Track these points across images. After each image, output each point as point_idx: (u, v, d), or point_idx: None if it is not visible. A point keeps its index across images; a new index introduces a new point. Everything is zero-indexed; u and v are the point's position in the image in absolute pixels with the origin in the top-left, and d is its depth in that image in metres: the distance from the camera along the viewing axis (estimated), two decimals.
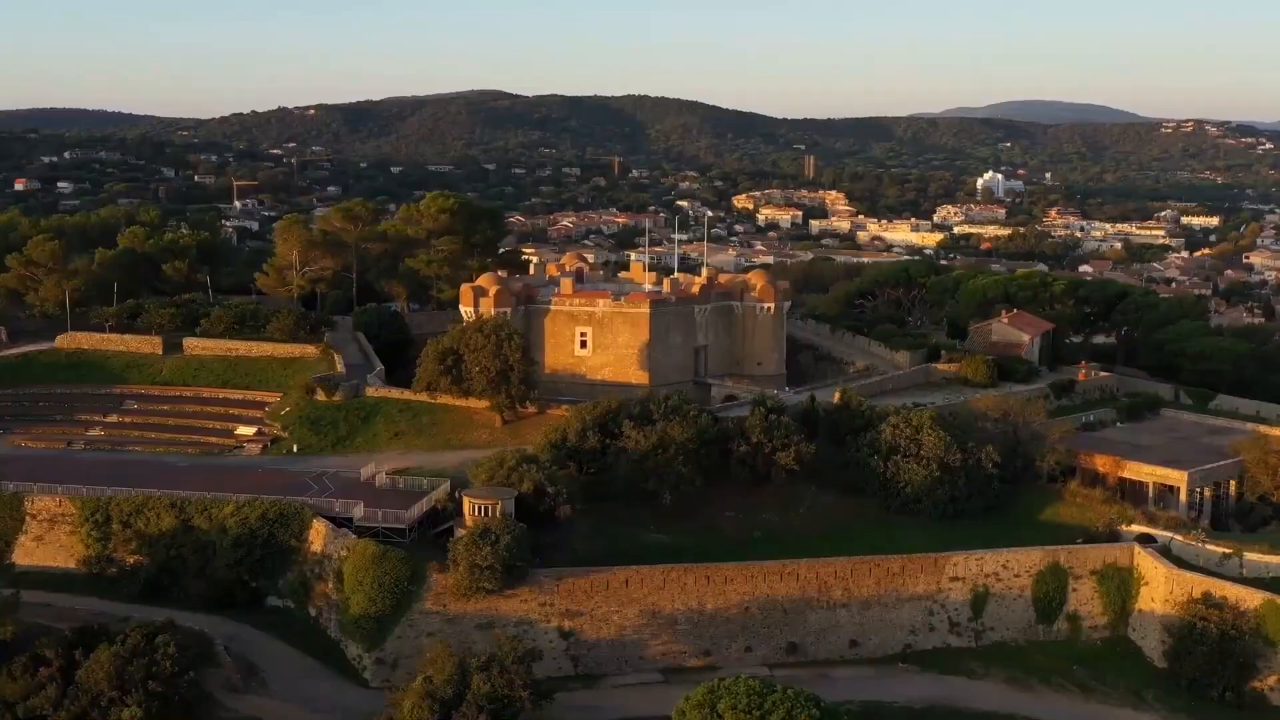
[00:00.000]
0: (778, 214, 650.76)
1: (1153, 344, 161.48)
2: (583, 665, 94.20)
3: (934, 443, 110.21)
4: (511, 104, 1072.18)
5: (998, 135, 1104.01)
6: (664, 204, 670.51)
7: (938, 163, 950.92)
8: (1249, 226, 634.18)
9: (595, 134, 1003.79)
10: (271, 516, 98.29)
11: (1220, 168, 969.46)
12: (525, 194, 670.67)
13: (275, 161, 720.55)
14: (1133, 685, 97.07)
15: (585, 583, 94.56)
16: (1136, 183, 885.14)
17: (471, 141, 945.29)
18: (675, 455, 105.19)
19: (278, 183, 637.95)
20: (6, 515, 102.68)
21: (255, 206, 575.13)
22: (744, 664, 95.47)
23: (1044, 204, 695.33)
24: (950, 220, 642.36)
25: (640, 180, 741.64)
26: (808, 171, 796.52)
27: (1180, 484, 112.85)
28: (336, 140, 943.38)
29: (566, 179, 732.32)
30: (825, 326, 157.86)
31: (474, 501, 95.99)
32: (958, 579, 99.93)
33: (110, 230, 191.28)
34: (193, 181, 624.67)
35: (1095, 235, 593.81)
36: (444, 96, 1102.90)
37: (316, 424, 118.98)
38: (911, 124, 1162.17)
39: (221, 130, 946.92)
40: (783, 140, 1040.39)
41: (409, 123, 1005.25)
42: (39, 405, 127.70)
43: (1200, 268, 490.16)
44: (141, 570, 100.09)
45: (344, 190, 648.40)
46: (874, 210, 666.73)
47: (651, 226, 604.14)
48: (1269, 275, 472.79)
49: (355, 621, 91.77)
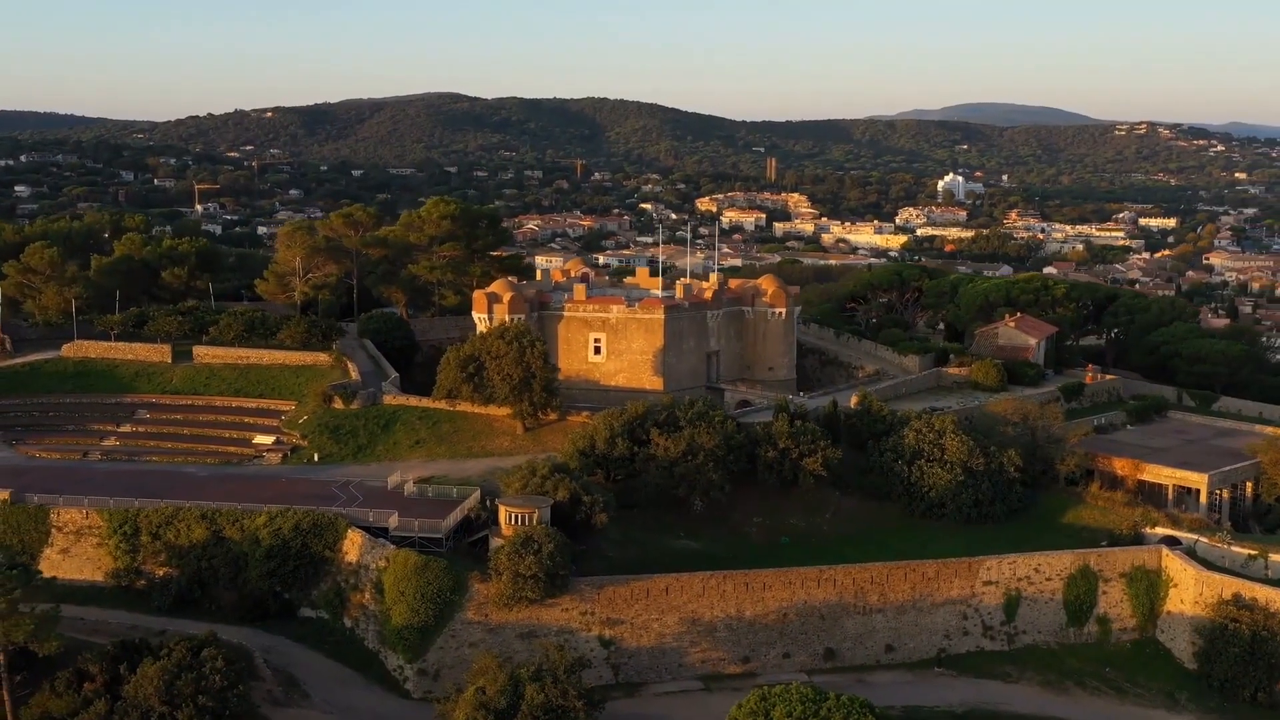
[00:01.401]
0: (741, 216, 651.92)
1: (1146, 346, 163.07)
2: (623, 674, 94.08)
3: (957, 447, 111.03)
4: (470, 106, 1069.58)
5: (955, 137, 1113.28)
6: (627, 206, 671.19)
7: (896, 165, 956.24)
8: (1205, 228, 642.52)
9: (555, 136, 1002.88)
10: (305, 527, 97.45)
11: (1173, 169, 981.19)
12: (488, 197, 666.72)
13: (235, 165, 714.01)
14: (1165, 687, 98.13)
15: (626, 591, 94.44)
16: (1092, 184, 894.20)
17: (430, 144, 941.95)
18: (705, 462, 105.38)
19: (239, 186, 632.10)
20: (31, 528, 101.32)
21: (217, 210, 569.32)
22: (782, 670, 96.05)
23: (1004, 206, 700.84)
24: (913, 222, 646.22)
25: (603, 183, 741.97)
26: (769, 174, 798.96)
27: (1201, 486, 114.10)
28: (295, 143, 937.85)
29: (529, 182, 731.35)
30: (829, 331, 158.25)
31: (510, 510, 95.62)
32: (991, 583, 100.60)
33: (95, 236, 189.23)
34: (152, 185, 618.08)
35: (1057, 237, 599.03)
36: (402, 99, 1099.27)
37: (336, 432, 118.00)
38: (869, 126, 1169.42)
39: (177, 132, 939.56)
40: (742, 143, 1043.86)
41: (367, 125, 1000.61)
42: (48, 415, 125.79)
43: (1162, 269, 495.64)
44: (172, 582, 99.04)
45: (305, 194, 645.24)
46: (836, 212, 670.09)
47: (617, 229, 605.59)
48: (1229, 276, 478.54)
49: (397, 632, 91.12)
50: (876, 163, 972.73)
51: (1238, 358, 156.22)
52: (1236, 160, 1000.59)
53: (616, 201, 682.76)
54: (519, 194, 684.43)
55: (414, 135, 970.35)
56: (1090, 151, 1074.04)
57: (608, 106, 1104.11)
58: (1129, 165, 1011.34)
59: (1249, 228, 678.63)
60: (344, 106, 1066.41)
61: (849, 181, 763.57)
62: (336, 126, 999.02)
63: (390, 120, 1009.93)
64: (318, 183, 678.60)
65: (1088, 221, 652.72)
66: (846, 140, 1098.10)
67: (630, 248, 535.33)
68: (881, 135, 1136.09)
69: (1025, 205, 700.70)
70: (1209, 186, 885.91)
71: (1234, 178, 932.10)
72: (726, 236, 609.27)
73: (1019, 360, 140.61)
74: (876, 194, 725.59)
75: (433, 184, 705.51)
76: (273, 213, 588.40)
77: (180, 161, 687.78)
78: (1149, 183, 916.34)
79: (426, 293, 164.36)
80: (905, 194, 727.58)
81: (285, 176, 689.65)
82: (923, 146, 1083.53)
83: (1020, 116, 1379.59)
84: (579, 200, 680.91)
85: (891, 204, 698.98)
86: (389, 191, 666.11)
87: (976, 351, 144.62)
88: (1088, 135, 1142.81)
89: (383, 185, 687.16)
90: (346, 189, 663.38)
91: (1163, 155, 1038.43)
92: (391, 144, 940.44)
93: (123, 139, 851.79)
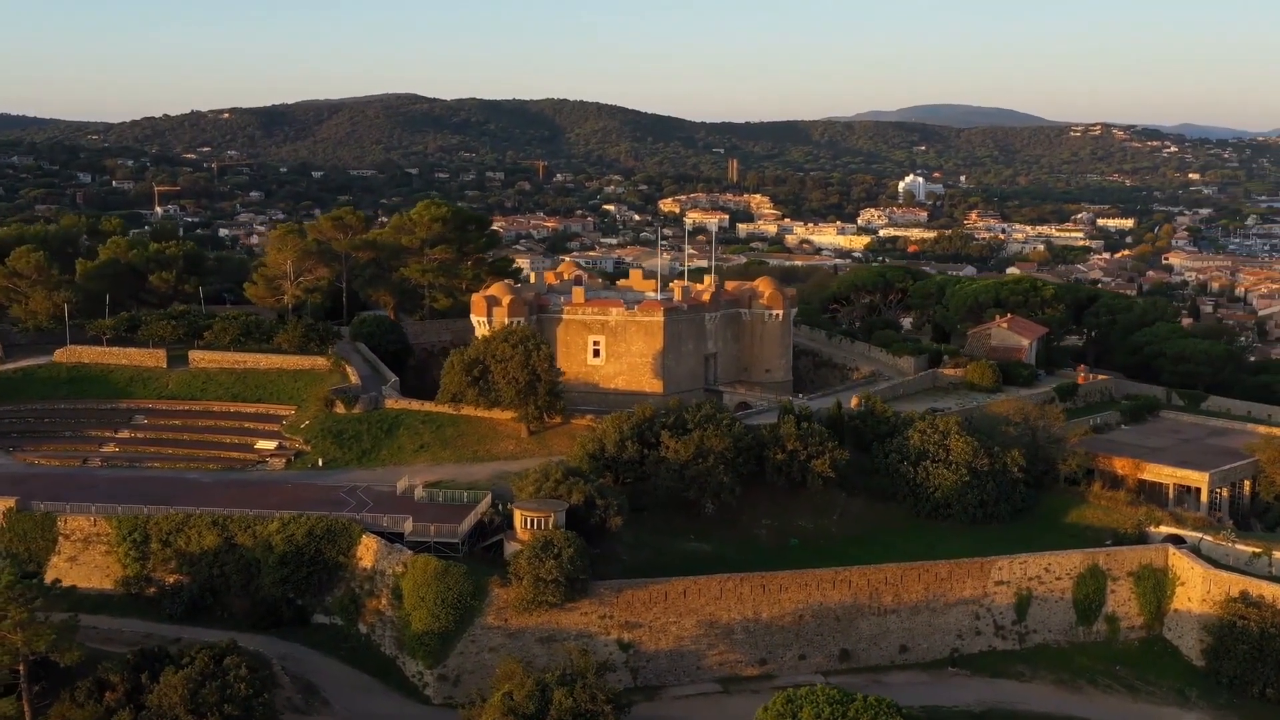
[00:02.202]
0: (704, 217, 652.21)
1: (1129, 346, 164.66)
2: (642, 677, 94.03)
3: (962, 448, 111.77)
4: (429, 108, 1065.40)
5: (912, 139, 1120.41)
6: (590, 208, 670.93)
7: (855, 166, 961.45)
8: (1163, 228, 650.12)
9: (514, 138, 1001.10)
10: (319, 533, 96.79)
11: (1128, 170, 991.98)
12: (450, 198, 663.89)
13: (193, 166, 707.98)
14: (1175, 684, 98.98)
15: (644, 594, 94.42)
16: (1049, 185, 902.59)
17: (389, 145, 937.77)
18: (715, 464, 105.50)
19: (199, 188, 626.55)
20: (38, 536, 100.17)
21: (177, 212, 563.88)
22: (798, 672, 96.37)
23: (964, 207, 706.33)
24: (874, 223, 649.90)
25: (565, 184, 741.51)
26: (731, 175, 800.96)
27: (1202, 485, 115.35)
28: (252, 144, 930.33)
29: (491, 183, 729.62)
30: (820, 332, 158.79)
31: (526, 514, 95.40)
32: (1003, 583, 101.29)
33: (72, 239, 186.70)
34: (111, 187, 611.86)
35: (1017, 237, 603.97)
36: (360, 100, 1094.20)
37: (339, 437, 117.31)
38: (828, 127, 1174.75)
39: (133, 134, 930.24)
40: (702, 144, 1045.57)
41: (325, 126, 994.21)
42: (44, 421, 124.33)
43: (1122, 269, 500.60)
44: (183, 590, 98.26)
45: (266, 195, 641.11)
46: (799, 213, 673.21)
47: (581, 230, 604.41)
48: (1189, 276, 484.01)
49: (417, 638, 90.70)
50: (836, 163, 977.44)
51: (1220, 357, 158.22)
52: (1190, 161, 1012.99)
53: (579, 203, 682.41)
54: (481, 195, 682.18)
55: (373, 136, 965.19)
56: (1046, 153, 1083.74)
57: (567, 108, 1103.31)
58: (1085, 166, 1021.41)
59: (1205, 228, 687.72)
60: (301, 108, 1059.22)
61: (810, 183, 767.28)
62: (294, 128, 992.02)
63: (349, 121, 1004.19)
64: (278, 184, 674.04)
65: (1047, 222, 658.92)
66: (805, 141, 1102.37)
67: (596, 249, 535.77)
68: (840, 136, 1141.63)
69: (985, 206, 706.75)
70: (1163, 187, 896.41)
71: (1187, 178, 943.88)
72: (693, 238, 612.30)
73: (1012, 361, 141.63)
74: (838, 195, 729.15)
75: (394, 185, 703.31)
76: (234, 215, 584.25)
77: (138, 163, 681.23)
78: (1105, 183, 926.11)
79: (415, 296, 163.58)
80: (866, 195, 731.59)
81: (245, 178, 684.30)
82: (881, 147, 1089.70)
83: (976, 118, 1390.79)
84: (542, 202, 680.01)
85: (853, 205, 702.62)
86: (350, 193, 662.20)
87: (970, 352, 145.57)
88: (1043, 136, 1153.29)
89: (344, 187, 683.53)
90: (307, 191, 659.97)
91: (1117, 156, 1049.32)
92: (350, 145, 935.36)
93: (77, 140, 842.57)
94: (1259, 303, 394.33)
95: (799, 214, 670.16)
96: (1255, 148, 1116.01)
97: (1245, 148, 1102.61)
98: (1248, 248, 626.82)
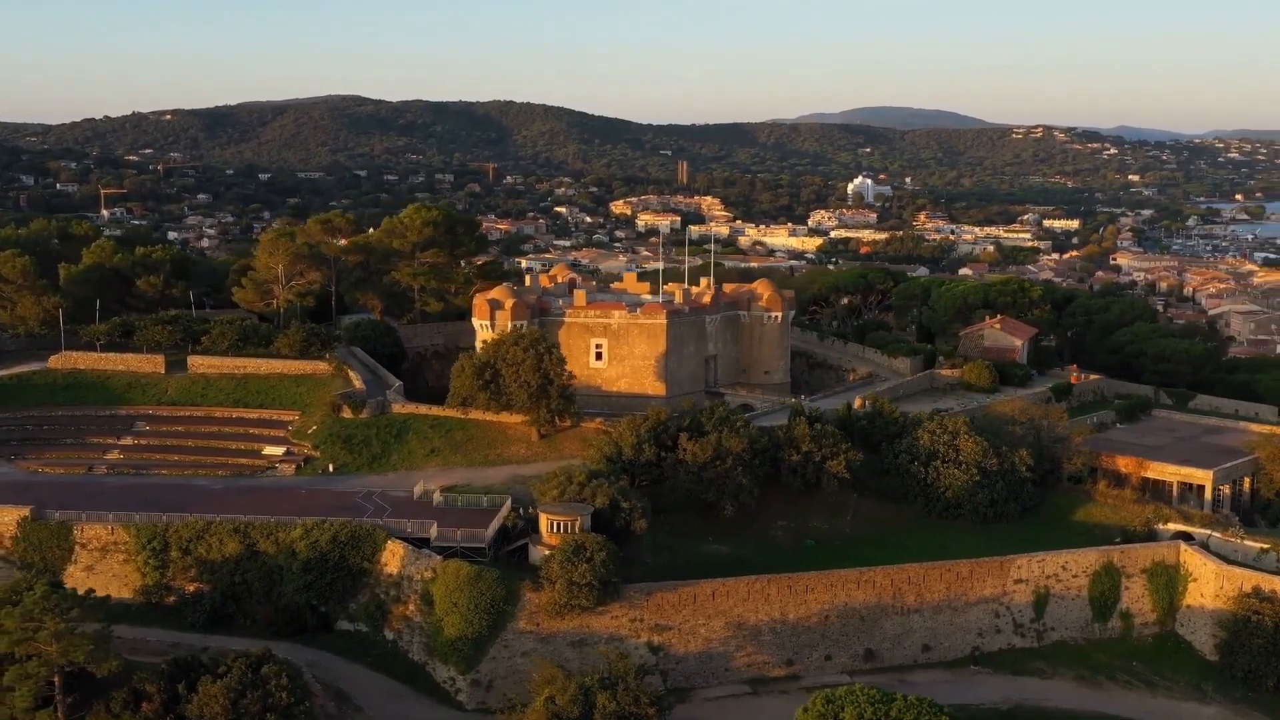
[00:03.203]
0: (656, 219, 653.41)
1: (1109, 346, 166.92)
2: (672, 679, 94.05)
3: (971, 448, 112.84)
4: (374, 109, 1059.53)
5: (857, 140, 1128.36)
6: (541, 210, 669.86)
7: (802, 167, 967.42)
8: (1107, 229, 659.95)
9: (461, 139, 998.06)
10: (343, 539, 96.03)
11: (1069, 172, 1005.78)
12: (400, 201, 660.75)
13: (137, 168, 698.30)
14: (1190, 679, 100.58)
15: (674, 596, 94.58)
16: (993, 187, 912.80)
17: (335, 147, 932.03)
18: (733, 466, 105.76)
19: (145, 190, 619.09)
20: (54, 545, 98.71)
21: (124, 215, 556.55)
22: (824, 672, 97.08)
23: (912, 208, 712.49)
24: (825, 224, 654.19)
25: (515, 186, 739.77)
26: (681, 177, 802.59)
27: (1206, 483, 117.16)
28: (195, 146, 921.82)
29: (440, 185, 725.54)
30: (811, 334, 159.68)
31: (552, 518, 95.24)
32: (1021, 581, 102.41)
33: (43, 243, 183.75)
34: (55, 190, 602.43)
35: (967, 239, 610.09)
36: (304, 101, 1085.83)
37: (348, 442, 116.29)
38: (774, 130, 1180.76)
39: (73, 135, 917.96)
40: (649, 145, 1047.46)
41: (270, 128, 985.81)
42: (43, 429, 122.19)
43: (1072, 269, 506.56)
44: (205, 598, 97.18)
45: (214, 198, 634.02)
46: (750, 215, 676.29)
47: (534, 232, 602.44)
48: (1138, 276, 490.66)
49: (450, 644, 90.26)
50: (783, 165, 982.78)
51: (1200, 356, 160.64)
52: (1129, 163, 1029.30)
53: (530, 205, 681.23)
54: (432, 198, 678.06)
55: (318, 138, 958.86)
56: (989, 154, 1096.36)
57: (514, 109, 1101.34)
58: (1027, 168, 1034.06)
59: (1148, 229, 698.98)
60: (244, 109, 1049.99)
61: (760, 184, 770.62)
62: (238, 129, 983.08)
63: (293, 123, 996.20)
64: (225, 186, 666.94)
65: (994, 223, 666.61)
66: (752, 143, 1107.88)
67: (550, 251, 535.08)
68: (785, 138, 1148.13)
69: (933, 207, 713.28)
70: (1105, 188, 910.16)
71: (1128, 180, 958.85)
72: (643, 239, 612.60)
73: (1007, 361, 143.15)
74: (788, 197, 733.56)
75: (343, 188, 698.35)
76: (182, 218, 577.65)
77: (82, 165, 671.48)
78: (1048, 185, 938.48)
79: (402, 299, 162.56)
80: (816, 196, 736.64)
81: (191, 180, 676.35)
82: (826, 149, 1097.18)
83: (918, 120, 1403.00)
84: (493, 204, 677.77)
85: (803, 206, 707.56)
86: (299, 195, 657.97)
87: (964, 353, 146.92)
88: (986, 138, 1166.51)
89: (292, 189, 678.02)
90: (255, 193, 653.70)
91: (1058, 158, 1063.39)
92: (295, 147, 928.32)
93: (15, 142, 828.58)
94: (1208, 302, 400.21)
95: (750, 215, 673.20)
96: (1192, 150, 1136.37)
97: (1183, 149, 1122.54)
98: (1190, 248, 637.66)
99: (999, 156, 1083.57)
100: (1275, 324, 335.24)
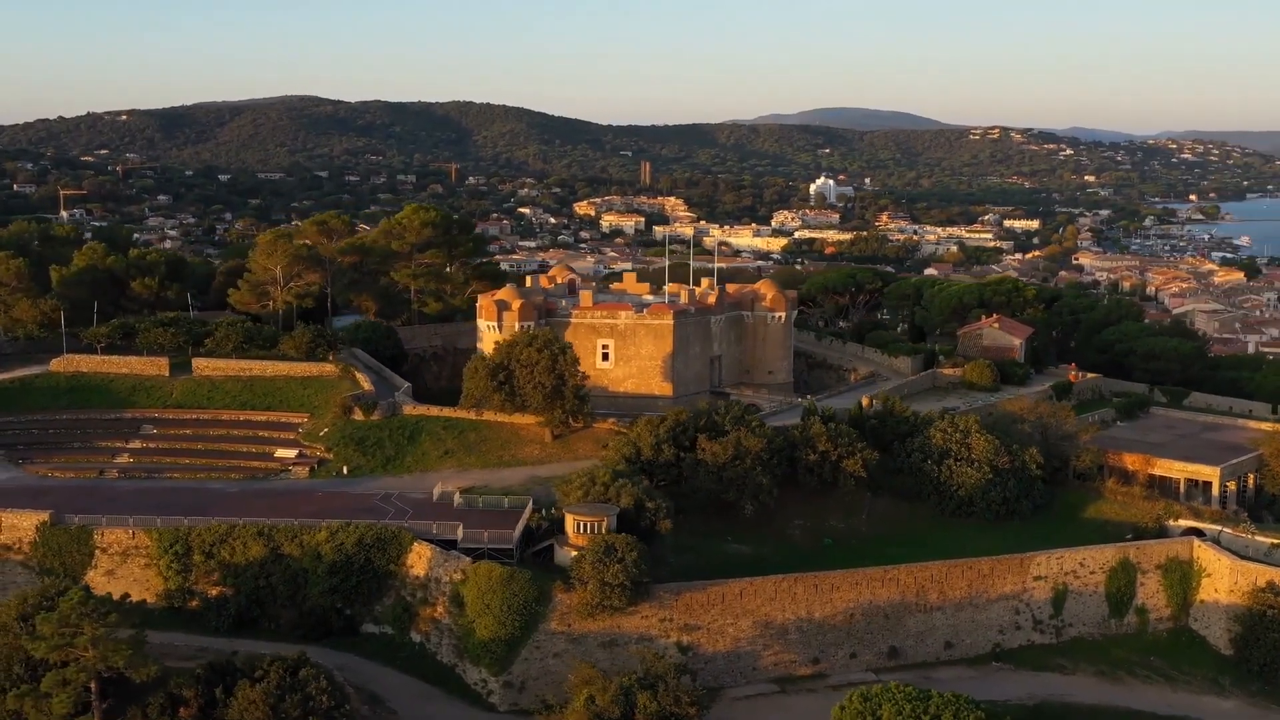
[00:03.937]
0: (620, 220, 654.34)
1: (1097, 344, 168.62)
2: (700, 679, 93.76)
3: (984, 446, 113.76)
4: (333, 110, 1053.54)
5: (816, 141, 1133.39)
6: (505, 211, 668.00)
7: (762, 168, 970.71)
8: (1067, 229, 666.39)
9: (421, 140, 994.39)
10: (369, 541, 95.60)
11: (1026, 172, 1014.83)
12: (363, 202, 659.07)
13: (94, 169, 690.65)
14: (1207, 673, 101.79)
15: (703, 596, 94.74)
16: (952, 187, 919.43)
17: (294, 148, 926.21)
18: (753, 465, 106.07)
19: (105, 191, 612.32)
20: (74, 550, 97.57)
21: (84, 216, 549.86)
22: (850, 670, 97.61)
23: (875, 209, 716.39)
24: (788, 225, 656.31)
25: (478, 187, 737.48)
26: (644, 178, 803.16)
27: (1213, 479, 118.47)
28: (152, 146, 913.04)
29: (402, 186, 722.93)
30: (809, 334, 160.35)
31: (578, 518, 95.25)
32: (1041, 578, 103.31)
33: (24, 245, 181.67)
34: (12, 191, 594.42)
35: (930, 239, 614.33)
36: (261, 102, 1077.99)
37: (361, 444, 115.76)
38: (733, 130, 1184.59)
39: (27, 136, 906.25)
40: (610, 146, 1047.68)
41: (228, 129, 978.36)
42: (49, 433, 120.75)
43: (1035, 269, 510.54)
44: (229, 602, 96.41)
45: (174, 199, 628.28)
46: (713, 216, 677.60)
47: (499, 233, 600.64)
48: (1100, 275, 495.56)
49: (483, 645, 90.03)
50: (743, 166, 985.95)
51: (1189, 354, 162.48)
52: (1085, 164, 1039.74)
53: (494, 205, 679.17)
54: (394, 198, 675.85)
55: (276, 139, 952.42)
56: (947, 155, 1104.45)
57: (474, 110, 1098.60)
58: (985, 169, 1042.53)
59: (1106, 229, 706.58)
60: (201, 109, 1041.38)
61: (723, 185, 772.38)
62: (195, 130, 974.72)
63: (251, 124, 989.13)
64: (185, 187, 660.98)
65: (955, 224, 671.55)
66: (711, 144, 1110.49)
67: (517, 252, 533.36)
68: (745, 139, 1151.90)
69: (895, 208, 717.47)
70: (1062, 189, 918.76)
71: (1084, 180, 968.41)
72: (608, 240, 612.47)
73: (1006, 360, 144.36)
74: (750, 197, 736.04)
75: (304, 189, 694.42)
76: (143, 219, 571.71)
77: (39, 166, 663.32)
78: (1005, 185, 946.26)
79: (397, 300, 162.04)
80: (779, 197, 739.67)
81: (151, 181, 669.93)
82: (785, 150, 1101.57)
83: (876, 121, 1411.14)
84: (456, 205, 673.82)
85: (766, 207, 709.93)
86: (260, 196, 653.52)
87: (963, 352, 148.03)
88: (944, 139, 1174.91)
89: (253, 190, 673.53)
90: (216, 194, 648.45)
91: (1016, 159, 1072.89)
92: (254, 148, 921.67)
93: None
94: (1171, 301, 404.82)
95: (713, 216, 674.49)
96: (1146, 151, 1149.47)
97: (1136, 150, 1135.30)
98: (1149, 248, 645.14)
99: (957, 157, 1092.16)
100: (1238, 323, 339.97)
